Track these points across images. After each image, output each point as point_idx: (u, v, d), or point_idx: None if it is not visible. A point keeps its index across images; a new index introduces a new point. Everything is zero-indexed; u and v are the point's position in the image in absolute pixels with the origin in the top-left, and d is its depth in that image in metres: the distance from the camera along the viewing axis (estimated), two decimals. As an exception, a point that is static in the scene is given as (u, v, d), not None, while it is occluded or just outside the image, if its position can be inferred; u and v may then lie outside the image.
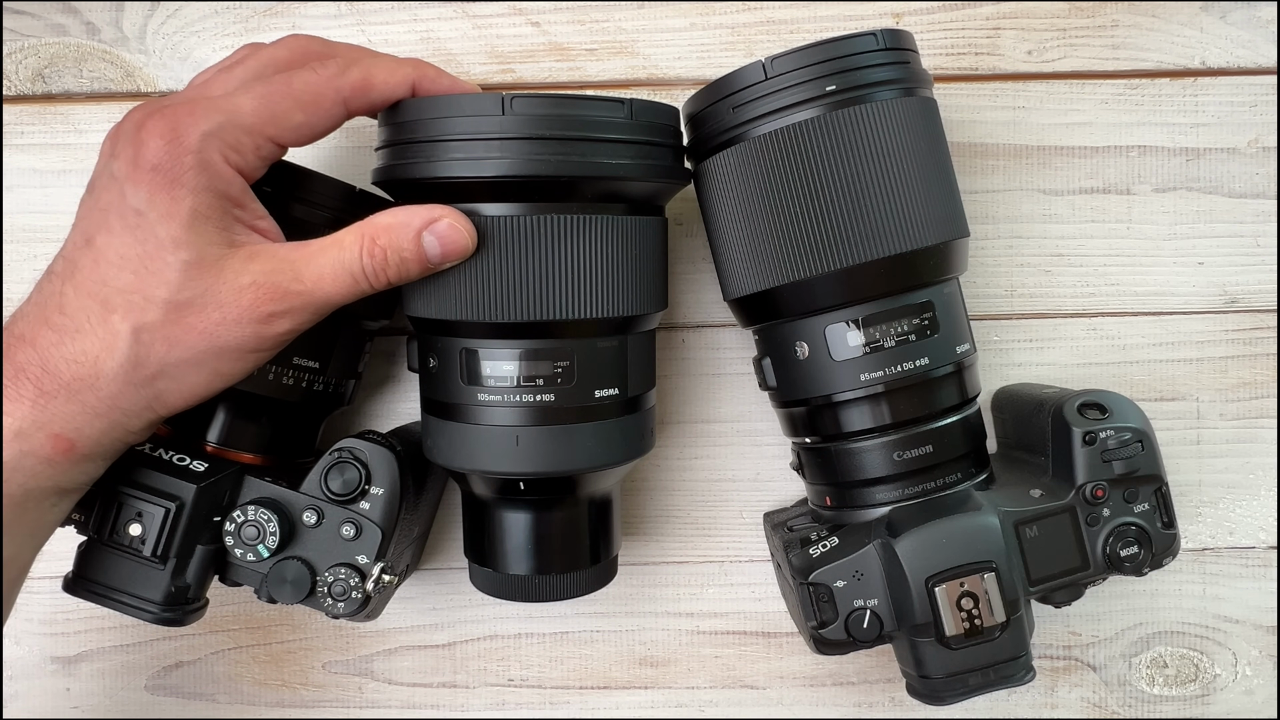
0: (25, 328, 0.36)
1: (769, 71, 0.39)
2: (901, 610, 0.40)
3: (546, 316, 0.38)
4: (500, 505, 0.42)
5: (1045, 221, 0.50)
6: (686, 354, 0.51)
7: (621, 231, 0.39)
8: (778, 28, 0.49)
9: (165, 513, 0.38)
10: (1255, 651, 0.52)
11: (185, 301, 0.35)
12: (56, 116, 0.49)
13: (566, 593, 0.43)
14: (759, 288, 0.41)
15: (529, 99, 0.37)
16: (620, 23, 0.49)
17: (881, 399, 0.40)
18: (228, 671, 0.51)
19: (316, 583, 0.40)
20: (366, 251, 0.37)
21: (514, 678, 0.52)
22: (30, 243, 0.49)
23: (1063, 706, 0.52)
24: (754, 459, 0.51)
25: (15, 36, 0.49)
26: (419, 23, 0.49)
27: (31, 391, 0.35)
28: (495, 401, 0.39)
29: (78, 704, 0.51)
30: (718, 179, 0.41)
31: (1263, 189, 0.50)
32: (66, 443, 0.35)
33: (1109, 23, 0.49)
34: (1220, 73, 0.50)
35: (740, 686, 0.52)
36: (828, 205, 0.38)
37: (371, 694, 0.52)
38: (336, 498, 0.41)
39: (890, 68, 0.39)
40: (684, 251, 0.50)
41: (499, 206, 0.38)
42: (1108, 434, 0.41)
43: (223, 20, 0.49)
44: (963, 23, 0.49)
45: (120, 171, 0.35)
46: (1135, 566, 0.41)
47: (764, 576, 0.51)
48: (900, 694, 0.52)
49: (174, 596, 0.39)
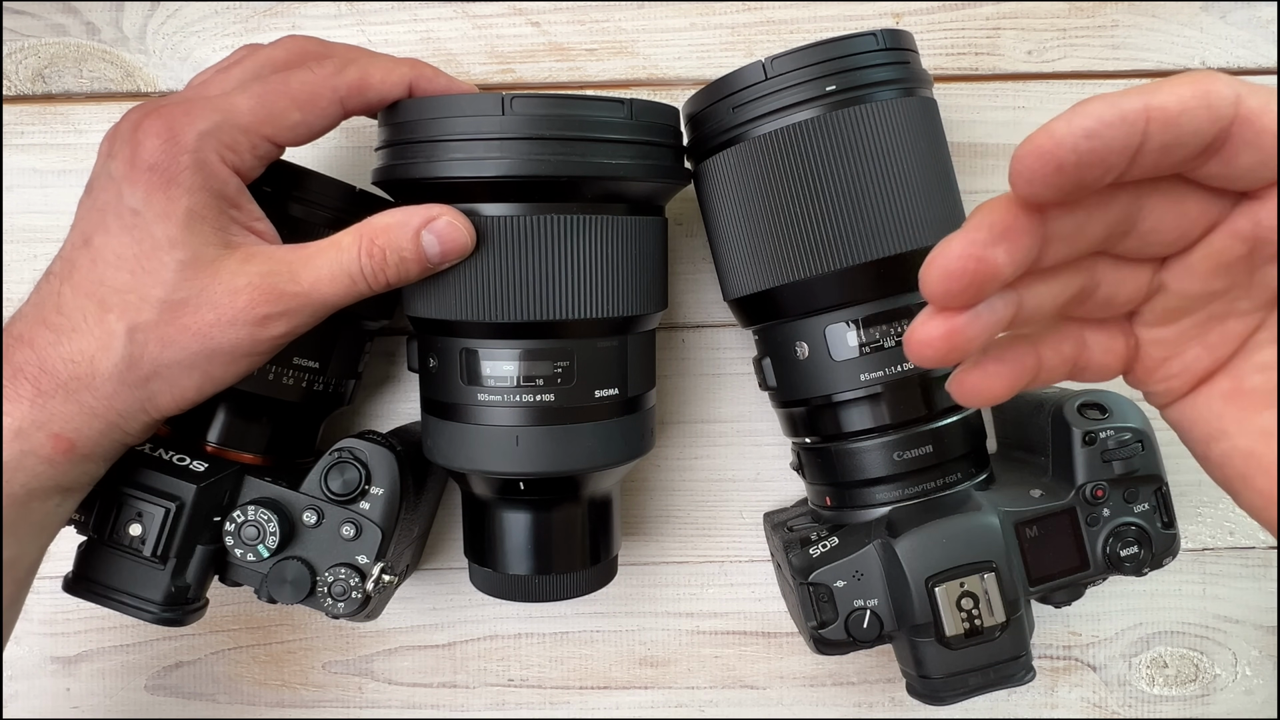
0: (23, 328, 0.36)
1: (769, 71, 0.39)
2: (901, 610, 0.40)
3: (546, 316, 0.38)
4: (500, 505, 0.42)
5: (1045, 221, 0.50)
6: (686, 354, 0.51)
7: (621, 231, 0.39)
8: (778, 28, 0.49)
9: (165, 513, 0.38)
10: (1255, 651, 0.52)
11: (180, 301, 0.35)
12: (56, 116, 0.49)
13: (566, 593, 0.43)
14: (759, 288, 0.41)
15: (529, 99, 0.37)
16: (620, 23, 0.49)
17: (881, 399, 0.40)
18: (228, 671, 0.51)
19: (316, 583, 0.40)
20: (365, 252, 0.37)
21: (514, 678, 0.52)
22: (30, 243, 0.49)
23: (1063, 706, 0.52)
24: (754, 459, 0.51)
25: (15, 36, 0.49)
26: (419, 23, 0.49)
27: (30, 391, 0.35)
28: (495, 401, 0.39)
29: (78, 704, 0.51)
30: (718, 179, 0.41)
31: (1263, 189, 0.50)
32: (66, 442, 0.35)
33: (1109, 23, 0.49)
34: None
35: (740, 686, 0.52)
36: (828, 205, 0.38)
37: (371, 694, 0.52)
38: (336, 498, 0.41)
39: (890, 68, 0.39)
40: (684, 251, 0.50)
41: (499, 206, 0.38)
42: (1108, 434, 0.41)
43: (222, 20, 0.49)
44: (963, 23, 0.49)
45: (117, 171, 0.35)
46: (1135, 566, 0.41)
47: (764, 576, 0.51)
48: (900, 694, 0.52)
49: (174, 596, 0.39)
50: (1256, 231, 0.25)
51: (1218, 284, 0.27)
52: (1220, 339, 0.28)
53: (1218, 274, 0.27)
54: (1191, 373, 0.29)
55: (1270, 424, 0.27)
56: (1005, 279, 0.25)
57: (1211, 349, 0.28)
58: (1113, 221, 0.26)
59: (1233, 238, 0.26)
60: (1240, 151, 0.24)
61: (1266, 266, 0.26)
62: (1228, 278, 0.27)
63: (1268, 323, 0.27)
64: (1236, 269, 0.26)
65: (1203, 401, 0.29)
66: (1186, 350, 0.29)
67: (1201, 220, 0.26)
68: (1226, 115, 0.23)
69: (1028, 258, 0.25)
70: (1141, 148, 0.23)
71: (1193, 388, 0.29)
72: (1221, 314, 0.28)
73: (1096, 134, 0.22)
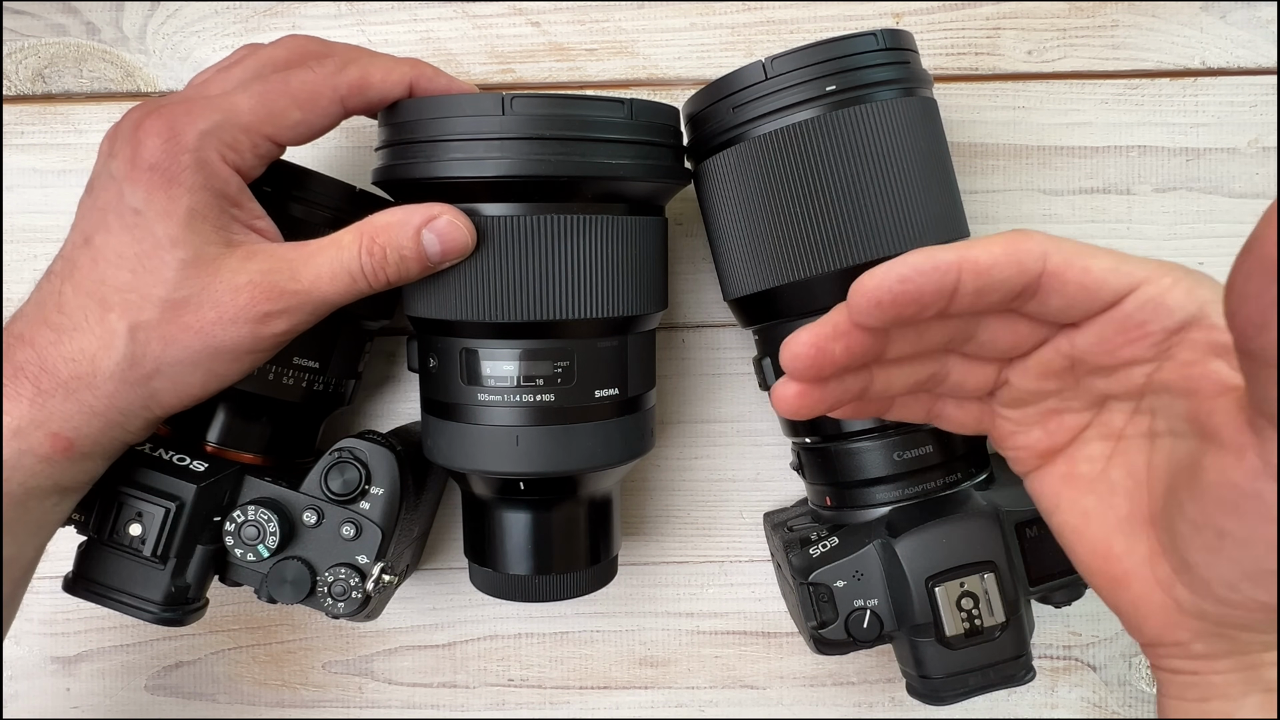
0: (24, 327, 0.36)
1: (769, 71, 0.39)
2: (901, 610, 0.40)
3: (546, 316, 0.38)
4: (500, 505, 0.42)
5: (1045, 221, 0.50)
6: (686, 354, 0.51)
7: (621, 231, 0.39)
8: (778, 28, 0.49)
9: (165, 513, 0.38)
10: (1255, 651, 0.52)
11: (182, 300, 0.35)
12: (56, 116, 0.49)
13: (566, 593, 0.43)
14: (759, 288, 0.41)
15: (529, 99, 0.37)
16: (620, 23, 0.49)
17: (881, 399, 0.40)
18: (228, 671, 0.51)
19: (316, 583, 0.40)
20: (365, 250, 0.37)
21: (514, 678, 0.52)
22: (30, 243, 0.49)
23: (1063, 706, 0.52)
24: (754, 459, 0.51)
25: (15, 36, 0.49)
26: (419, 23, 0.49)
27: (30, 390, 0.35)
28: (495, 401, 0.39)
29: (78, 704, 0.51)
30: (718, 179, 0.41)
31: (1263, 189, 0.50)
32: (65, 441, 0.35)
33: (1109, 23, 0.49)
34: (1220, 73, 0.50)
35: (740, 686, 0.52)
36: (828, 205, 0.38)
37: (371, 694, 0.52)
38: (336, 498, 0.41)
39: (890, 68, 0.39)
40: (684, 251, 0.50)
41: (499, 206, 0.38)
42: (1108, 434, 0.41)
43: (223, 20, 0.49)
44: (963, 23, 0.49)
45: (118, 171, 0.35)
46: (1135, 566, 0.41)
47: (764, 576, 0.51)
48: (900, 694, 0.52)
49: (174, 596, 0.39)
50: (1073, 353, 0.30)
51: (1050, 385, 0.32)
52: (1058, 428, 0.33)
53: (1048, 378, 0.32)
54: (1035, 450, 0.34)
55: (1091, 506, 0.32)
56: (845, 366, 0.30)
57: (1051, 434, 0.33)
58: (949, 335, 0.32)
59: (1056, 353, 0.31)
60: (1050, 297, 0.29)
61: (1090, 378, 0.31)
62: (1058, 381, 0.32)
63: (1096, 421, 0.32)
64: (1064, 376, 0.32)
65: (1045, 478, 0.34)
66: (1030, 431, 0.34)
67: (1031, 337, 0.31)
68: (1034, 269, 0.28)
69: (866, 354, 0.30)
70: (956, 291, 0.28)
71: (1038, 464, 0.34)
72: (1058, 408, 0.33)
73: (910, 280, 0.28)
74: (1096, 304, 0.28)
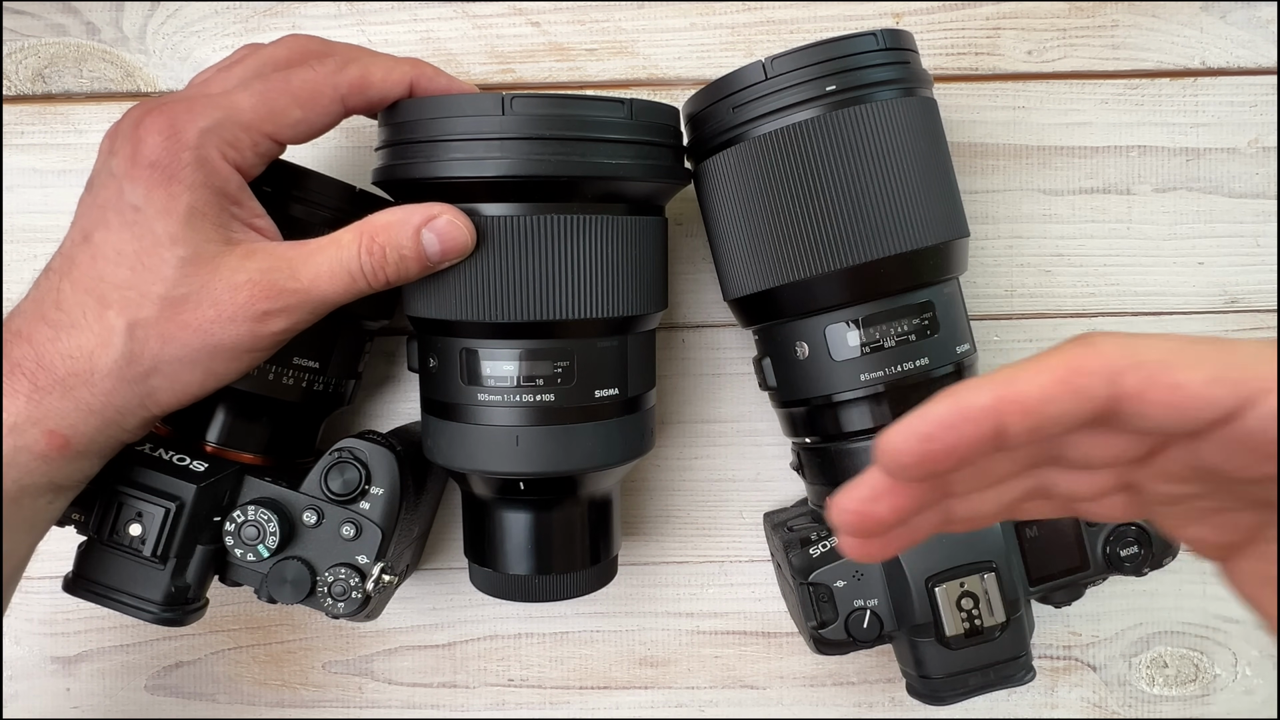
0: (22, 324, 0.36)
1: (769, 71, 0.39)
2: (901, 610, 0.40)
3: (546, 316, 0.38)
4: (500, 505, 0.42)
5: (1045, 221, 0.50)
6: (686, 354, 0.51)
7: (621, 231, 0.39)
8: (778, 28, 0.49)
9: (165, 513, 0.38)
10: (1255, 651, 0.52)
11: (181, 298, 0.35)
12: (56, 116, 0.49)
13: (566, 593, 0.43)
14: (759, 288, 0.41)
15: (529, 99, 0.37)
16: (620, 23, 0.49)
17: (882, 399, 0.40)
18: (228, 671, 0.51)
19: (316, 583, 0.40)
20: (365, 249, 0.37)
21: (514, 678, 0.52)
22: (30, 243, 0.49)
23: (1063, 706, 0.52)
24: (754, 459, 0.51)
25: (15, 36, 0.49)
26: (419, 23, 0.49)
27: (26, 387, 0.35)
28: (495, 401, 0.39)
29: (78, 704, 0.51)
30: (718, 179, 0.41)
31: (1263, 189, 0.50)
32: (61, 439, 0.35)
33: (1109, 23, 0.49)
34: (1220, 73, 0.50)
35: (740, 686, 0.52)
36: (828, 205, 0.38)
37: (371, 694, 0.52)
38: (336, 498, 0.41)
39: (890, 68, 0.39)
40: (684, 251, 0.50)
41: (499, 206, 0.38)
42: (1108, 434, 0.41)
43: (223, 20, 0.49)
44: (963, 23, 0.49)
45: (118, 168, 0.35)
46: (1135, 566, 0.41)
47: (764, 576, 0.51)
48: (900, 694, 0.52)
49: (174, 596, 0.39)
50: (1199, 465, 0.23)
51: (1190, 489, 0.25)
52: (1226, 524, 0.25)
53: (1183, 483, 0.24)
54: (1209, 544, 0.26)
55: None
56: (895, 523, 0.25)
57: (1221, 531, 0.26)
58: (1026, 461, 0.25)
59: (1179, 464, 0.24)
60: (1135, 420, 0.22)
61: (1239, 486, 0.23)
62: (1198, 485, 0.24)
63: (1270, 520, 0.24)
64: (1204, 480, 0.24)
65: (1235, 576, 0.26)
66: (1192, 527, 0.26)
67: (1137, 448, 0.24)
68: (1100, 395, 0.21)
69: (920, 503, 0.25)
70: (1004, 434, 0.22)
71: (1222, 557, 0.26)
72: (1217, 508, 0.25)
73: (935, 438, 0.22)
74: (1201, 423, 0.22)
